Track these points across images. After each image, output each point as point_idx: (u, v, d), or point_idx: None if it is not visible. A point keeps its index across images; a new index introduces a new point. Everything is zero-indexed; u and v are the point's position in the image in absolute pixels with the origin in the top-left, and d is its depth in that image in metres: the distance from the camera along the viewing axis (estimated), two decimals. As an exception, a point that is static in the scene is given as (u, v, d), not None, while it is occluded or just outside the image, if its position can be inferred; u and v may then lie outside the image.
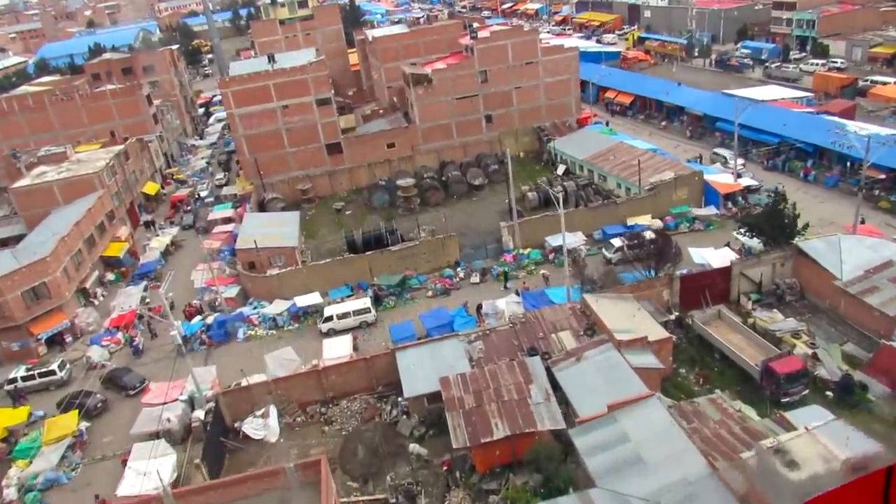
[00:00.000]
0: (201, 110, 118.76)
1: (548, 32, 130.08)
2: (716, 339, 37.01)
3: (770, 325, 37.96)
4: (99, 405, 40.75)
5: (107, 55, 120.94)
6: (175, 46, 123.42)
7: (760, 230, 44.13)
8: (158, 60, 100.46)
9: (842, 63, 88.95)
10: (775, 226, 43.23)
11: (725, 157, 61.16)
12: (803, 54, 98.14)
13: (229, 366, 43.21)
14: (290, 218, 59.02)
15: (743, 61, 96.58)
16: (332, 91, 68.29)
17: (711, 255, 44.14)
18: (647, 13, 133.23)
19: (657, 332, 35.86)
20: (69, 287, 50.43)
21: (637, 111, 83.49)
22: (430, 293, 48.49)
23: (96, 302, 54.18)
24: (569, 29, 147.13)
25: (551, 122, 72.34)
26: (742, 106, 53.27)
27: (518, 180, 66.72)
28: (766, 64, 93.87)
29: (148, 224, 67.62)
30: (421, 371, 36.18)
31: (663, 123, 77.24)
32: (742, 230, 46.16)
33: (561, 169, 65.50)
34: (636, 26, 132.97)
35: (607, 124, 79.65)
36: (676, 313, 40.19)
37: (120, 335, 48.20)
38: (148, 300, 52.70)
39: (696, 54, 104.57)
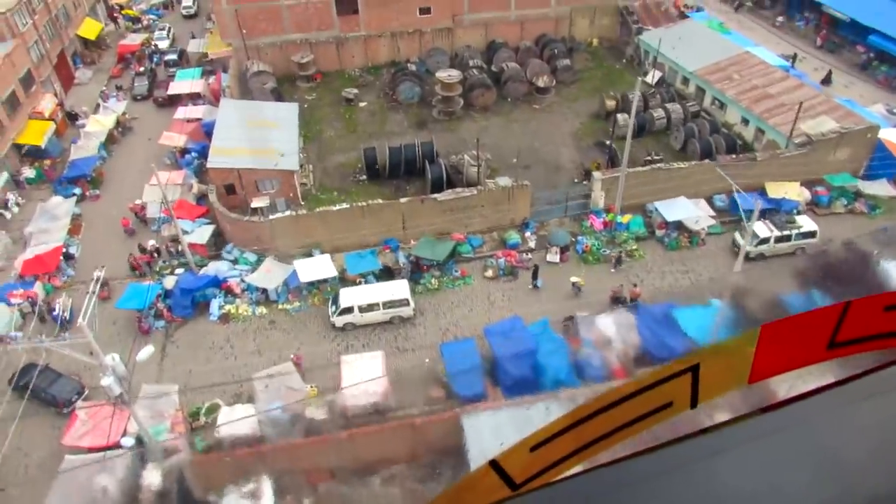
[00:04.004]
0: None
1: None
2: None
3: None
4: None
5: None
6: None
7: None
8: None
9: None
10: None
11: None
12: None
13: (199, 370, 29.59)
14: (286, 115, 41.68)
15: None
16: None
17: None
18: None
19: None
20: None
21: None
22: (489, 271, 34.17)
23: (7, 215, 38.21)
24: None
25: (641, 0, 53.57)
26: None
27: (592, 83, 49.87)
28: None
29: (72, 116, 46.89)
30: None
31: (780, 19, 58.52)
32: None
33: (654, 76, 48.41)
34: None
35: (697, 9, 60.36)
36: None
37: (38, 286, 33.25)
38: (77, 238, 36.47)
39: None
